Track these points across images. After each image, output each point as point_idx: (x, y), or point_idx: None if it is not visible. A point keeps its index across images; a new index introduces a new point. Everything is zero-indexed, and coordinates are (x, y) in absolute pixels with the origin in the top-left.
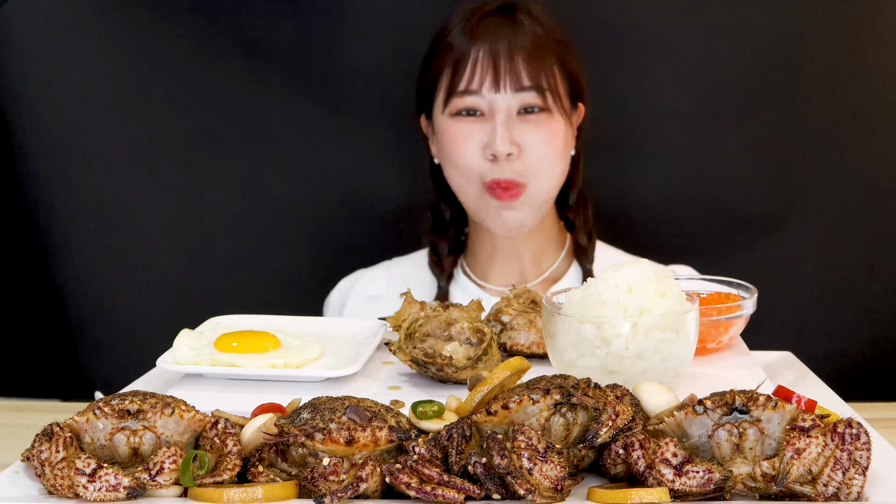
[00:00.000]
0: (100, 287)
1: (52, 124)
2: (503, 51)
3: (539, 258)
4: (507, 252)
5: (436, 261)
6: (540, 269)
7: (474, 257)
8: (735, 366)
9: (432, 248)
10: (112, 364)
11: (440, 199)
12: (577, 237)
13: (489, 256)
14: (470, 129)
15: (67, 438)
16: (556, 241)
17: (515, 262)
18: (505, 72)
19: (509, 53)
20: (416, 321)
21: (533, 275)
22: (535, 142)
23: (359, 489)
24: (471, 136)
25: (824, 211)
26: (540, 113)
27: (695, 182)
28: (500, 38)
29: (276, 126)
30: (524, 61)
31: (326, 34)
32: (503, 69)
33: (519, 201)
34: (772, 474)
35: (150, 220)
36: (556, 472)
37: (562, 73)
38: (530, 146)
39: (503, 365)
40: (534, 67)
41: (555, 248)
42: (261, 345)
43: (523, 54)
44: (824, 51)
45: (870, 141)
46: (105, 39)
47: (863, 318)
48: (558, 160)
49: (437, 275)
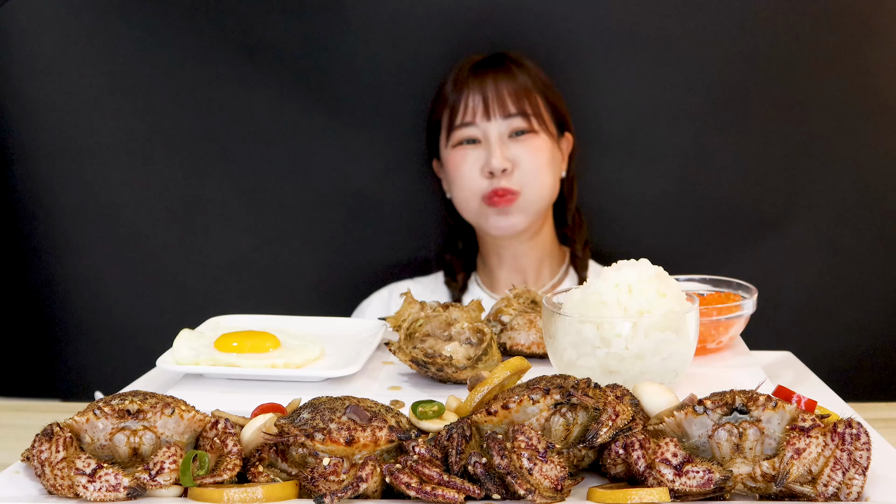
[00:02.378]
0: (100, 287)
1: (51, 124)
2: (490, 86)
3: (540, 269)
4: (510, 262)
5: (450, 281)
6: (541, 280)
7: (485, 270)
8: (735, 366)
9: (447, 270)
10: (112, 364)
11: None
12: (575, 249)
13: (496, 267)
14: (470, 154)
15: (67, 438)
16: (555, 256)
17: (518, 273)
18: (493, 103)
19: (496, 88)
20: (416, 321)
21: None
22: (525, 156)
23: (359, 489)
24: (471, 160)
25: (824, 211)
26: (528, 134)
27: (695, 182)
28: (488, 77)
29: (276, 126)
30: (509, 93)
31: (326, 34)
32: (492, 101)
33: (513, 206)
34: (772, 474)
35: (150, 220)
36: (556, 472)
37: (545, 104)
38: (521, 160)
39: (503, 365)
40: (518, 97)
41: (555, 260)
42: (261, 345)
43: (508, 87)
44: (824, 51)
45: (870, 141)
46: (105, 39)
47: (863, 318)
48: (547, 171)
49: (453, 288)
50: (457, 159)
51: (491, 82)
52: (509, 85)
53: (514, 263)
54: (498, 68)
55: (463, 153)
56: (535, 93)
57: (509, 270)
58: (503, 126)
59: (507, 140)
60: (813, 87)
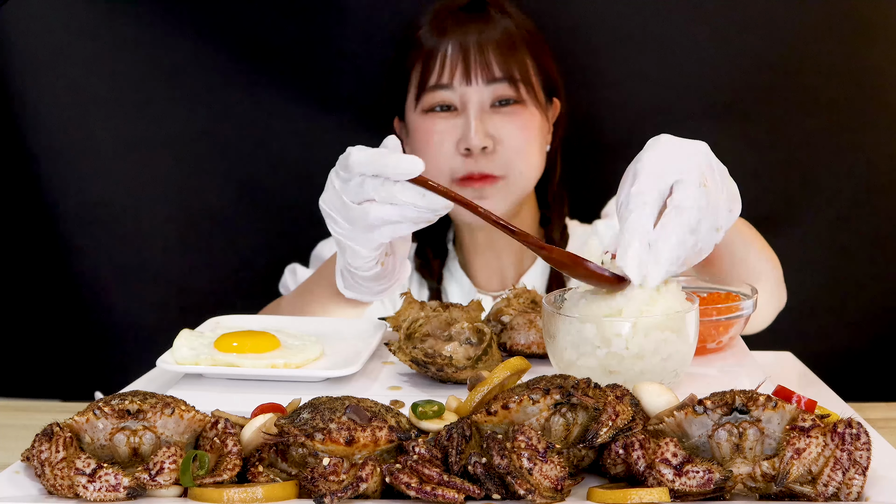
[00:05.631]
0: (100, 287)
1: (50, 124)
2: (473, 43)
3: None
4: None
5: (422, 264)
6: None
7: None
8: (735, 366)
9: (418, 252)
10: (112, 364)
11: None
12: (552, 232)
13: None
14: (443, 125)
15: (67, 438)
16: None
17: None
18: (475, 64)
19: (479, 46)
20: (415, 321)
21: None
22: (510, 134)
23: (359, 489)
24: (444, 132)
25: (824, 211)
26: (514, 105)
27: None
28: (470, 31)
29: (276, 126)
30: (495, 53)
31: (326, 34)
32: (473, 61)
33: (492, 188)
34: (772, 474)
35: (149, 220)
36: (556, 472)
37: (534, 66)
38: (505, 138)
39: (503, 365)
40: (505, 58)
41: None
42: (261, 345)
43: (494, 46)
44: (824, 51)
45: (870, 141)
46: (105, 39)
47: (863, 318)
48: (535, 152)
49: (427, 277)
50: (426, 128)
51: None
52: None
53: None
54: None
55: (435, 123)
56: (523, 51)
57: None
58: (486, 93)
59: (489, 111)
60: (813, 88)
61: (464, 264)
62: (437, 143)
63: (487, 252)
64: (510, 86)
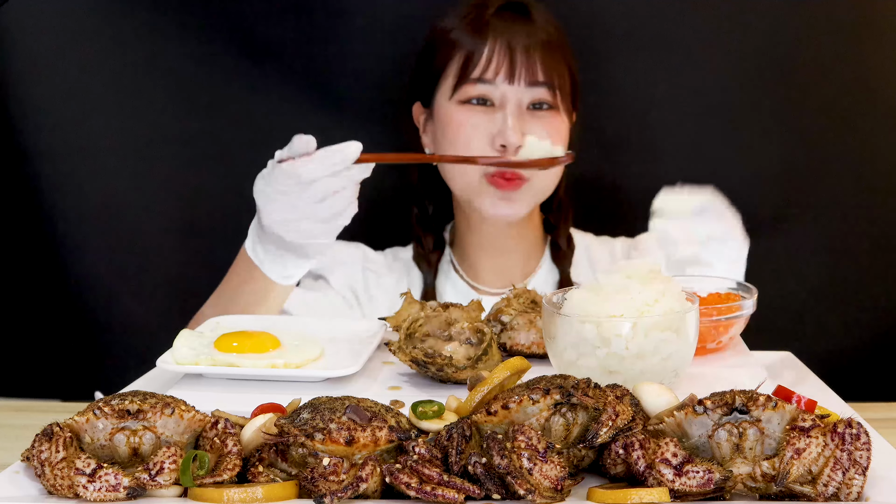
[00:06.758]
0: (100, 287)
1: (49, 124)
2: (521, 44)
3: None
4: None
5: (421, 254)
6: (525, 269)
7: (463, 253)
8: (735, 366)
9: (417, 241)
10: (112, 364)
11: (425, 192)
12: (558, 239)
13: (476, 252)
14: (479, 118)
15: (67, 438)
16: (540, 242)
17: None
18: (521, 65)
19: (526, 48)
20: (416, 321)
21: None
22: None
23: (359, 489)
24: (479, 126)
25: (824, 211)
26: (549, 110)
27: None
28: (517, 31)
29: (276, 126)
30: (541, 57)
31: (326, 34)
32: (519, 62)
33: (519, 192)
34: (772, 474)
35: (150, 221)
36: (556, 472)
37: (569, 74)
38: None
39: (503, 365)
40: (549, 65)
41: (539, 247)
42: (261, 345)
43: (540, 50)
44: (824, 51)
45: (870, 141)
46: (106, 39)
47: (863, 318)
48: None
49: (424, 270)
50: (461, 119)
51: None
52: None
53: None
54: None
55: (471, 115)
56: (564, 60)
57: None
58: (525, 94)
59: (525, 112)
60: (813, 88)
61: (462, 264)
62: (471, 134)
63: (493, 251)
64: (548, 91)
